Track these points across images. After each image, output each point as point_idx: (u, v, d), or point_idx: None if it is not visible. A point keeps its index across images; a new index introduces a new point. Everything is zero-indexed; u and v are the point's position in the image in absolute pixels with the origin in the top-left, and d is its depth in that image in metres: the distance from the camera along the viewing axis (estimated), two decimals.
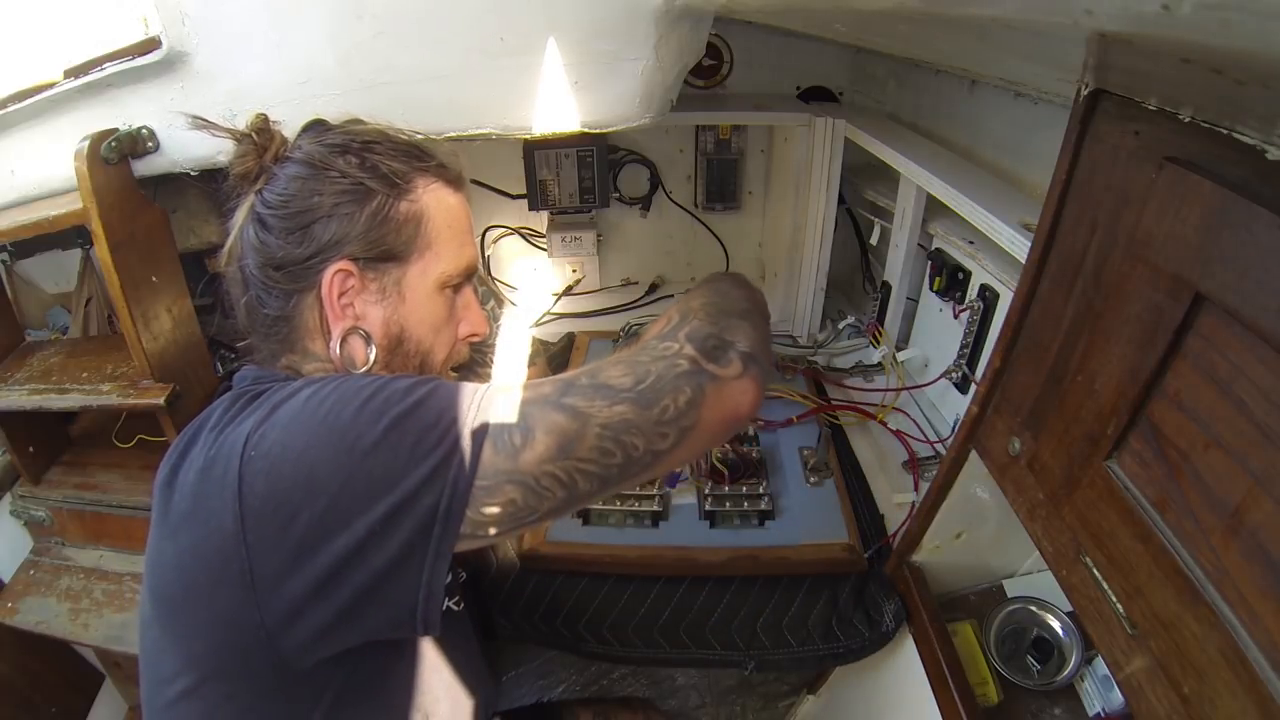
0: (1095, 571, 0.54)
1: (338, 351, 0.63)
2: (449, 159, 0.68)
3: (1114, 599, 0.52)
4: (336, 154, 0.62)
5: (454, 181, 0.68)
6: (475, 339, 0.72)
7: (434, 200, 0.65)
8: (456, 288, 0.68)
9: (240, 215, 0.64)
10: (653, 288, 1.63)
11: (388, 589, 0.49)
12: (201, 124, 0.64)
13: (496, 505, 0.50)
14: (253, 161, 0.63)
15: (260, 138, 0.64)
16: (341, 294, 0.62)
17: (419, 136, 0.69)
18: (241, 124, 0.65)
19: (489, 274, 1.57)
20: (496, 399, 0.52)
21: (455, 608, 0.73)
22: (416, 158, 0.66)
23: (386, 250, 0.63)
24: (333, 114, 0.68)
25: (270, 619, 0.49)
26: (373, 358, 0.64)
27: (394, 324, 0.64)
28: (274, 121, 0.66)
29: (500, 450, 0.50)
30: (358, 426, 0.49)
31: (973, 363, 1.05)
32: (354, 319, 0.63)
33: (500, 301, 1.07)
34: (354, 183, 0.61)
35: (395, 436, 0.49)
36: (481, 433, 0.50)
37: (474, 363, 1.02)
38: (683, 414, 0.52)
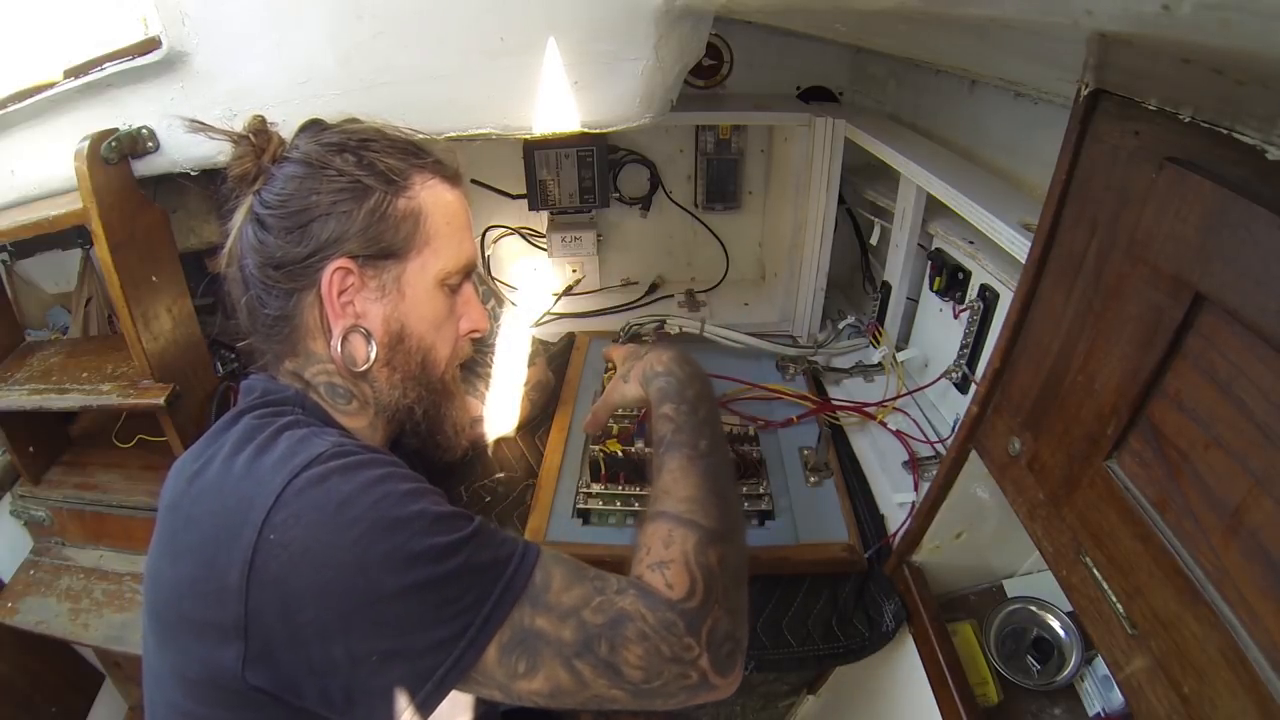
0: (1095, 571, 0.54)
1: (338, 350, 0.63)
2: (446, 155, 0.68)
3: (1114, 599, 0.52)
4: (333, 152, 0.62)
5: (451, 178, 0.68)
6: (476, 335, 0.72)
7: (432, 197, 0.65)
8: (456, 284, 0.68)
9: (239, 216, 0.64)
10: (653, 288, 1.63)
11: (373, 702, 0.51)
12: (199, 127, 0.64)
13: (478, 691, 0.54)
14: (250, 163, 0.63)
15: (258, 139, 0.64)
16: (341, 292, 0.62)
17: (419, 136, 0.69)
18: (240, 125, 0.65)
19: (489, 274, 1.57)
20: (523, 604, 0.53)
21: None
22: (413, 155, 0.66)
23: (385, 247, 0.63)
24: (333, 114, 0.68)
25: (252, 674, 0.51)
26: (373, 355, 0.64)
27: (394, 321, 0.64)
28: (271, 123, 0.66)
29: (503, 665, 0.52)
30: (385, 571, 0.50)
31: (973, 363, 1.05)
32: (354, 317, 0.63)
33: (500, 301, 1.07)
34: (351, 180, 0.61)
35: (418, 596, 0.50)
36: (493, 632, 0.52)
37: (474, 363, 1.02)
38: (664, 704, 0.55)
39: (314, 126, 0.66)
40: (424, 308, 0.66)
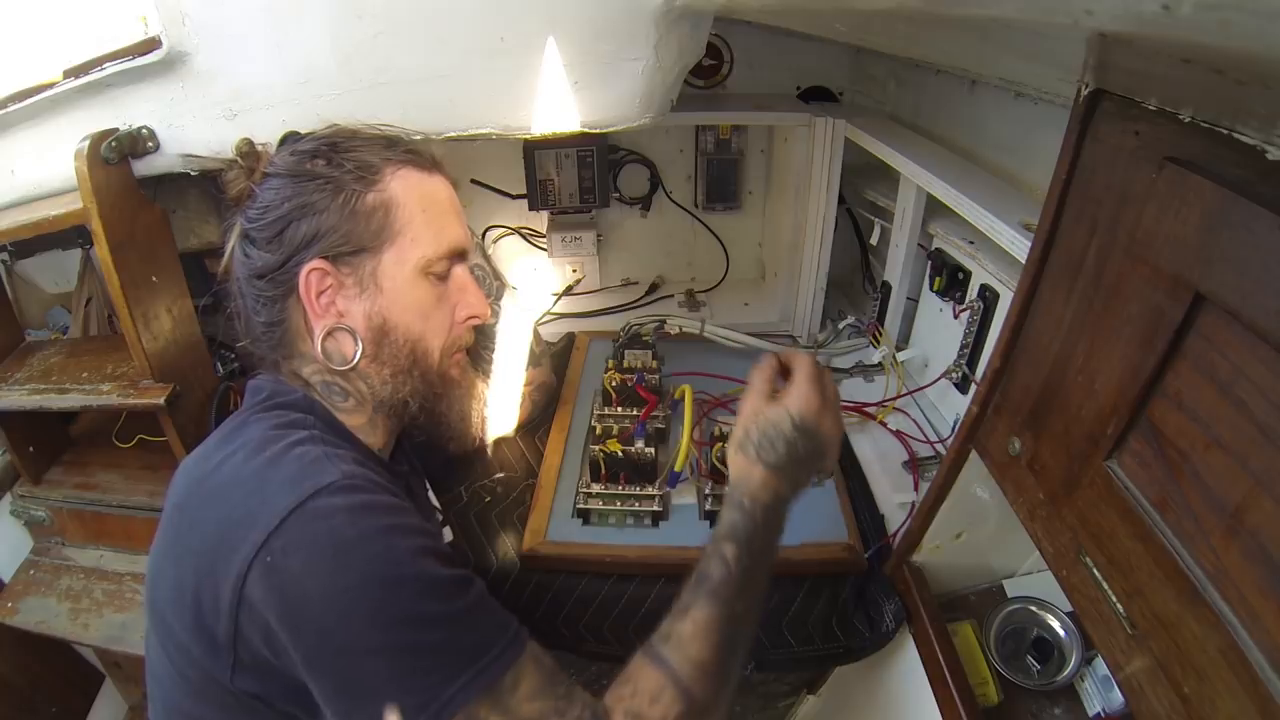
0: (1095, 571, 0.54)
1: (319, 349, 0.63)
2: (420, 144, 0.69)
3: (1114, 599, 0.52)
4: (306, 159, 0.63)
5: (425, 165, 0.67)
6: (476, 321, 0.71)
7: (402, 186, 0.64)
8: (443, 271, 0.67)
9: (232, 237, 0.66)
10: (653, 288, 1.63)
11: None
12: (192, 161, 0.65)
13: None
14: (243, 184, 0.65)
15: (246, 160, 0.65)
16: (320, 293, 0.62)
17: (417, 136, 0.70)
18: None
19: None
20: (484, 699, 0.51)
21: None
22: (385, 147, 0.65)
23: (357, 243, 0.63)
24: (333, 114, 0.69)
25: (240, 681, 0.52)
26: (359, 353, 0.64)
27: (376, 316, 0.64)
28: (261, 143, 0.66)
29: None
30: (367, 625, 0.49)
31: (973, 363, 1.05)
32: (336, 315, 0.63)
33: (502, 281, 1.06)
34: (323, 182, 0.62)
35: (392, 658, 0.50)
36: (449, 716, 0.50)
37: (477, 357, 1.02)
38: None
39: (290, 139, 0.67)
40: (406, 299, 0.65)
